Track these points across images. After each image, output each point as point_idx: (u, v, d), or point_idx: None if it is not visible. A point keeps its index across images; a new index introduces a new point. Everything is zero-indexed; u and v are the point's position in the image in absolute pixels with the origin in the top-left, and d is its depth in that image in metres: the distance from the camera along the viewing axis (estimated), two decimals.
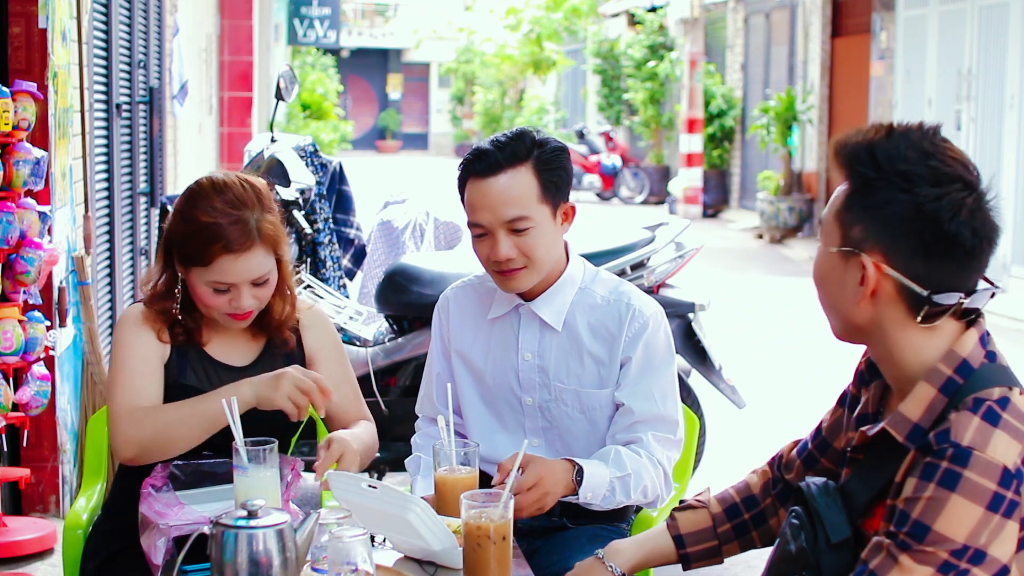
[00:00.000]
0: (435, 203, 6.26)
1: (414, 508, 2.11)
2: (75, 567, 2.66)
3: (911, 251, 1.78)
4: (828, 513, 1.86)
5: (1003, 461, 1.70)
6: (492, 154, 2.57)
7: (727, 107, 17.41)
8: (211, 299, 2.53)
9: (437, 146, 37.55)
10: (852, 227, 1.82)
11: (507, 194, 2.55)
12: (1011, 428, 1.73)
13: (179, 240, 2.54)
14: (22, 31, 4.43)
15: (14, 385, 4.07)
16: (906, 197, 1.77)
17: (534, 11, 26.62)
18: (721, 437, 5.56)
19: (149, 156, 6.77)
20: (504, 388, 2.73)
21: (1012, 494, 1.70)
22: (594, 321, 2.67)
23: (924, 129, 1.84)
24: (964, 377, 1.79)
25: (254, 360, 2.66)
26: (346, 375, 2.78)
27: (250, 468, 2.25)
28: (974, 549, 1.69)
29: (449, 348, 2.80)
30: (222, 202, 2.50)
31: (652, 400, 2.63)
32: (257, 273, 2.52)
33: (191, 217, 2.51)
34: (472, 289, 2.81)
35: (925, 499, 1.71)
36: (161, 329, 2.59)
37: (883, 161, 1.80)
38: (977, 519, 1.69)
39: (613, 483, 2.54)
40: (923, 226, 1.77)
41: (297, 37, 21.09)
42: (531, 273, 2.61)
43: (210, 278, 2.51)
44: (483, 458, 2.71)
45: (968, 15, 11.02)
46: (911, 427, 1.80)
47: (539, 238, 2.59)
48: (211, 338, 2.65)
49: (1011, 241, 10.29)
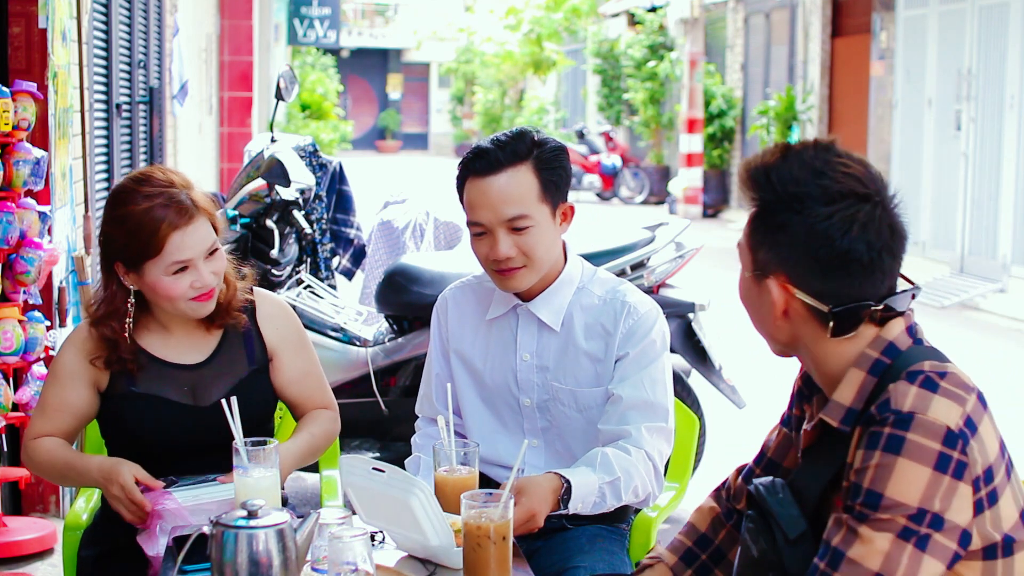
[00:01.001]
0: (435, 203, 6.25)
1: (418, 493, 2.11)
2: (75, 567, 2.66)
3: (810, 271, 1.82)
4: (781, 510, 1.88)
5: (945, 422, 1.73)
6: (492, 153, 2.57)
7: (727, 107, 17.40)
8: (173, 287, 2.53)
9: (437, 146, 37.55)
10: (758, 251, 1.87)
11: (507, 193, 2.55)
12: (950, 393, 1.76)
13: (123, 243, 2.54)
14: (22, 31, 4.43)
15: (14, 385, 4.07)
16: (799, 219, 1.81)
17: (534, 11, 26.62)
18: (721, 437, 5.56)
19: (149, 156, 6.78)
20: (503, 388, 2.73)
21: (959, 454, 1.72)
22: (591, 320, 2.67)
23: (819, 146, 1.87)
24: (892, 358, 1.83)
25: (210, 355, 2.67)
26: (309, 365, 2.78)
27: (250, 468, 2.25)
28: (931, 513, 1.70)
29: (448, 348, 2.80)
30: (149, 188, 2.52)
31: (641, 387, 2.61)
32: (208, 242, 2.54)
33: (126, 215, 2.52)
34: (471, 289, 2.81)
35: (873, 467, 1.73)
36: (99, 356, 2.60)
37: (777, 184, 1.84)
38: (927, 480, 1.70)
39: (603, 489, 2.51)
40: (817, 245, 1.80)
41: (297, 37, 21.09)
42: (530, 272, 2.61)
43: (167, 262, 2.51)
44: (482, 459, 2.71)
45: (968, 15, 11.02)
46: (844, 411, 1.83)
47: (538, 237, 2.59)
48: (164, 340, 2.65)
49: (1011, 241, 10.29)
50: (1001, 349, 8.58)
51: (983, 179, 10.74)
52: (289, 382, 2.74)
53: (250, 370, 2.69)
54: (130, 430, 2.62)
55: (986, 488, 1.74)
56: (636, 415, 2.60)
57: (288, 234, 5.26)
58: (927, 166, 11.65)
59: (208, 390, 2.63)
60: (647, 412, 2.61)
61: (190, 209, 2.52)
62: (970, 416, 1.75)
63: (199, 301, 2.57)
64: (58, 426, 2.62)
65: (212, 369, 2.65)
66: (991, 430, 1.79)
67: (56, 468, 2.58)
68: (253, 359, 2.70)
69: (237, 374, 2.67)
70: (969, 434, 1.74)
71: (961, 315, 9.91)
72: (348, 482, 2.23)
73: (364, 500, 2.22)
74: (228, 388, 2.62)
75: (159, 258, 2.51)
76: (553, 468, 2.66)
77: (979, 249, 10.79)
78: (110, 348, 2.60)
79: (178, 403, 2.61)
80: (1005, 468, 1.79)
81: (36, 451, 2.60)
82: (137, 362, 2.61)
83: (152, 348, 2.65)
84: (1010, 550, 1.78)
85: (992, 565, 1.77)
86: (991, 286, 10.26)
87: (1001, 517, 1.76)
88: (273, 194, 5.16)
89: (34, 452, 2.61)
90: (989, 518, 1.75)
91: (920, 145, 11.79)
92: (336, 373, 4.69)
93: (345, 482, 2.24)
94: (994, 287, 10.23)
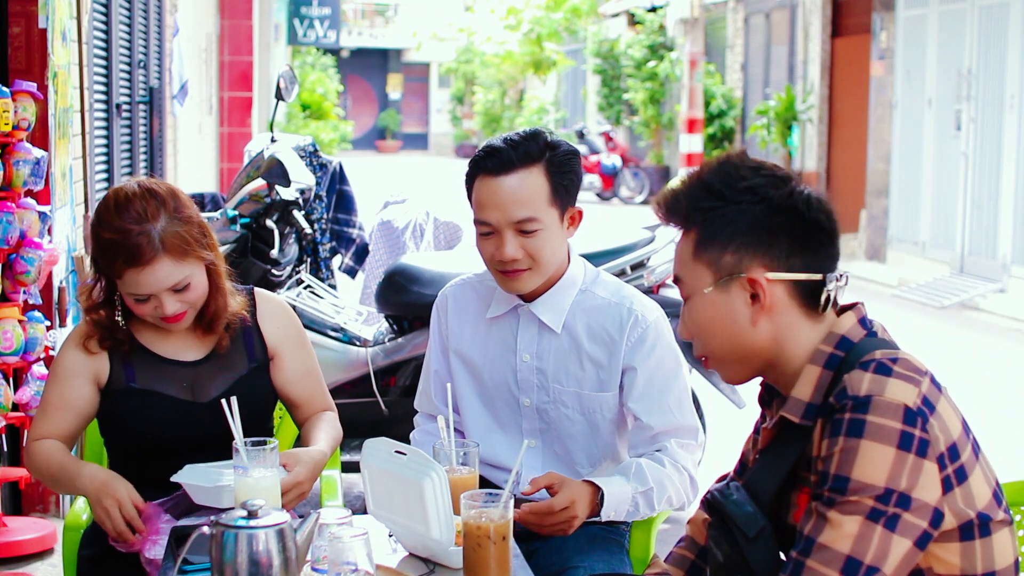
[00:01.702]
0: (435, 203, 6.25)
1: (433, 475, 2.11)
2: (75, 567, 2.66)
3: (788, 249, 1.87)
4: (737, 510, 1.89)
5: (903, 401, 1.75)
6: (505, 152, 2.56)
7: (727, 107, 17.40)
8: (136, 308, 2.57)
9: (437, 146, 37.54)
10: (720, 259, 1.89)
11: (517, 194, 2.54)
12: (904, 376, 1.79)
13: (96, 253, 2.58)
14: (22, 31, 4.43)
15: (14, 385, 4.07)
16: (761, 206, 1.87)
17: (534, 11, 26.63)
18: (721, 437, 5.56)
19: (149, 156, 6.77)
20: (502, 388, 2.72)
21: (920, 432, 1.74)
22: (594, 323, 2.66)
23: (737, 154, 1.94)
24: (845, 350, 1.86)
25: (209, 352, 2.68)
26: (309, 366, 2.79)
27: (250, 468, 2.26)
28: (898, 493, 1.72)
29: (448, 346, 2.80)
30: (122, 219, 2.51)
31: (669, 412, 2.63)
32: (168, 283, 2.52)
33: (97, 234, 2.55)
34: (471, 287, 2.80)
35: (838, 452, 1.75)
36: (94, 342, 2.62)
37: (724, 188, 1.89)
38: (891, 460, 1.72)
39: (636, 499, 2.55)
40: (787, 222, 1.86)
41: (297, 37, 21.10)
42: (535, 275, 2.61)
43: (126, 290, 2.55)
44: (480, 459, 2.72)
45: (968, 15, 11.01)
46: (804, 407, 1.86)
47: (546, 241, 2.58)
48: (162, 337, 2.66)
49: (1011, 241, 10.28)
50: (1001, 349, 8.57)
51: (983, 179, 10.74)
52: (289, 381, 2.74)
53: (250, 367, 2.69)
54: (130, 426, 2.63)
55: (952, 465, 1.76)
56: (667, 437, 2.64)
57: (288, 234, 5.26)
58: (927, 166, 11.65)
59: (207, 386, 2.64)
60: (679, 434, 2.65)
61: (154, 249, 2.49)
62: (926, 396, 1.78)
63: (167, 321, 2.58)
64: (59, 426, 2.62)
65: (211, 366, 2.66)
66: (950, 409, 1.81)
67: (51, 472, 2.58)
68: (253, 356, 2.70)
69: (237, 371, 2.67)
70: (928, 412, 1.76)
71: (961, 315, 9.91)
72: (367, 463, 2.24)
73: (377, 485, 2.23)
74: (228, 384, 2.63)
75: (121, 283, 2.55)
76: (551, 470, 2.67)
77: (979, 249, 10.78)
78: (103, 330, 2.62)
79: (178, 399, 2.62)
80: (972, 447, 1.81)
81: (35, 453, 2.61)
82: (132, 349, 2.63)
83: (150, 344, 2.65)
84: (987, 529, 1.79)
85: (970, 546, 1.78)
86: (991, 286, 10.25)
87: (973, 495, 1.78)
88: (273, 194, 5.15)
89: (33, 454, 2.62)
90: (960, 495, 1.77)
91: (920, 145, 11.78)
92: (336, 373, 4.69)
93: (364, 463, 2.25)
94: (994, 287, 10.23)
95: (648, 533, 2.79)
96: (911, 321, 9.53)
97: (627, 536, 2.76)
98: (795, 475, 1.88)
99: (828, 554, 1.73)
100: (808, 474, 1.86)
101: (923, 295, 10.58)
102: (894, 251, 12.30)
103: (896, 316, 9.48)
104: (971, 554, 1.79)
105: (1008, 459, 5.43)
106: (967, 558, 1.78)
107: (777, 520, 1.90)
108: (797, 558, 1.76)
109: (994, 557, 1.80)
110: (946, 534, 1.77)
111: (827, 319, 1.90)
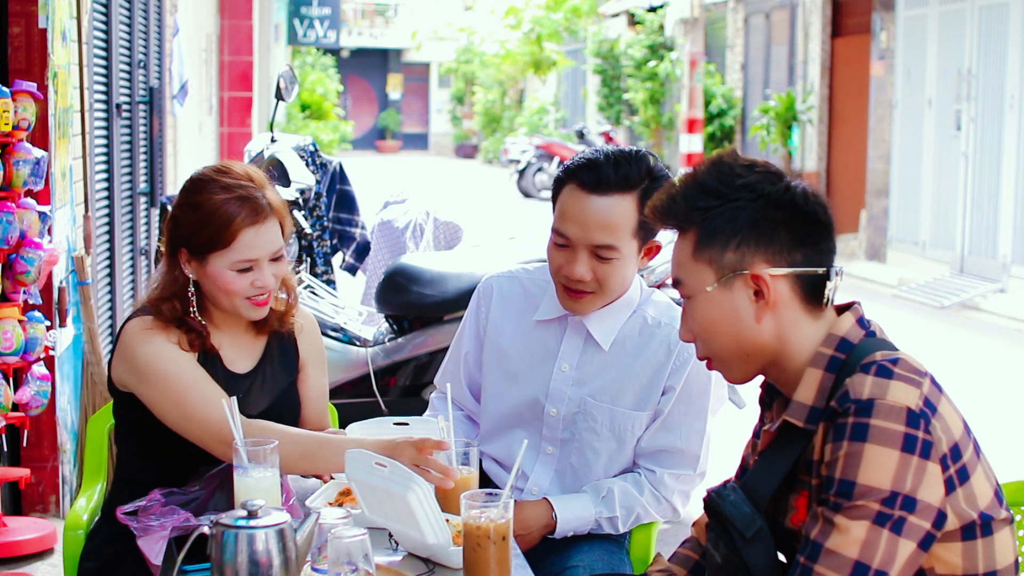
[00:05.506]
0: (435, 203, 6.25)
1: (416, 489, 2.10)
2: (75, 567, 2.66)
3: (788, 243, 1.87)
4: (734, 511, 1.89)
5: (905, 403, 1.75)
6: (605, 170, 2.48)
7: (727, 107, 17.40)
8: (234, 283, 2.47)
9: (437, 146, 37.55)
10: (722, 257, 1.89)
11: (605, 219, 2.48)
12: (905, 378, 1.79)
13: (192, 230, 2.47)
14: (22, 31, 4.43)
15: (14, 385, 4.07)
16: (760, 202, 1.87)
17: (534, 11, 26.63)
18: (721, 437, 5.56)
19: (149, 156, 6.77)
20: (532, 391, 2.67)
21: (923, 434, 1.74)
22: (643, 345, 2.62)
23: (728, 153, 1.94)
24: (845, 352, 1.86)
25: (255, 366, 2.62)
26: (325, 387, 2.75)
27: (250, 468, 2.25)
28: (903, 495, 1.72)
29: (484, 336, 2.75)
30: (229, 180, 2.48)
31: (681, 437, 2.62)
32: (276, 245, 2.50)
33: (201, 202, 2.47)
34: (519, 283, 2.74)
35: (842, 456, 1.76)
36: (180, 338, 2.51)
37: (721, 186, 1.89)
38: (896, 463, 1.73)
39: (599, 521, 2.60)
40: (786, 216, 1.87)
41: (297, 37, 21.11)
42: (598, 299, 2.57)
43: (234, 258, 2.46)
44: (486, 454, 2.72)
45: (968, 15, 11.01)
46: (808, 411, 1.86)
47: (618, 269, 2.53)
48: (219, 344, 2.58)
49: (1011, 241, 10.29)
50: (1001, 349, 8.57)
51: (983, 179, 10.74)
52: (307, 399, 2.69)
53: (288, 382, 2.65)
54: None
55: (955, 466, 1.77)
56: (667, 459, 2.64)
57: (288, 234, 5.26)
58: (927, 166, 11.65)
59: (256, 401, 2.59)
60: (678, 459, 2.64)
61: (265, 208, 2.47)
62: (927, 397, 1.78)
63: (255, 304, 2.51)
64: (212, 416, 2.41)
65: (258, 379, 2.59)
66: (951, 410, 1.82)
67: (299, 449, 2.38)
68: (291, 370, 2.66)
69: (279, 385, 2.63)
70: (930, 413, 1.77)
71: (961, 315, 9.91)
72: (351, 476, 2.23)
73: (366, 494, 2.22)
74: (270, 401, 2.59)
75: (226, 251, 2.46)
76: (560, 482, 2.67)
77: (979, 249, 10.79)
78: (181, 326, 2.51)
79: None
80: (973, 447, 1.82)
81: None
82: (204, 350, 2.52)
83: (214, 347, 2.57)
84: (989, 529, 1.80)
85: (972, 545, 1.79)
86: (991, 286, 10.26)
87: (975, 495, 1.79)
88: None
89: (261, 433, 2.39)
90: (962, 496, 1.77)
91: (920, 145, 11.79)
92: (336, 373, 4.69)
93: (348, 475, 2.24)
94: (994, 287, 10.23)
95: (648, 533, 2.79)
96: (911, 321, 9.53)
97: (627, 536, 2.76)
98: (794, 478, 1.89)
99: (836, 559, 1.74)
100: (807, 477, 1.86)
101: (923, 295, 10.59)
102: (894, 251, 12.31)
103: (896, 316, 9.48)
104: (973, 554, 1.79)
105: (1008, 459, 5.43)
106: (969, 558, 1.79)
107: (774, 522, 1.91)
108: (804, 563, 1.76)
109: (995, 556, 1.80)
110: (948, 534, 1.77)
111: (827, 317, 1.90)
